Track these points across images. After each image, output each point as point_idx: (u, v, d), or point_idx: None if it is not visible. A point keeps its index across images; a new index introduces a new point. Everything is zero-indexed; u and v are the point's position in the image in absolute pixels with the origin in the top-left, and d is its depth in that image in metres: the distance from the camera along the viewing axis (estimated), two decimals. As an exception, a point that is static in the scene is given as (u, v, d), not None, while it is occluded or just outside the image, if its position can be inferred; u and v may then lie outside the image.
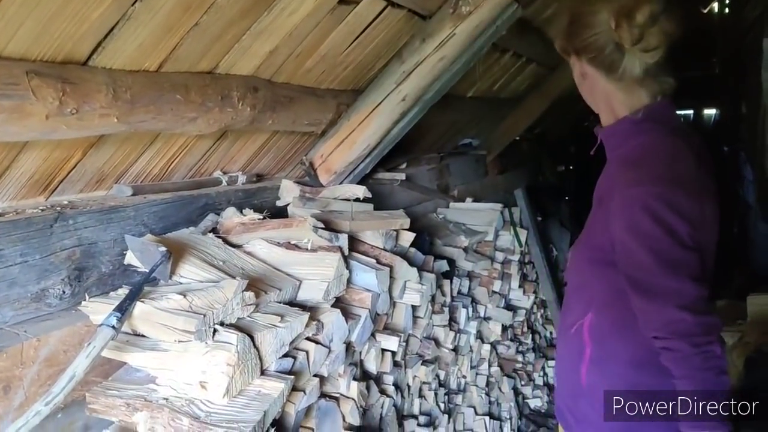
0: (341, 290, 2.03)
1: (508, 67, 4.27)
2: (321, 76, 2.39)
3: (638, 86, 1.53)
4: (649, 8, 1.40)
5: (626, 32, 1.43)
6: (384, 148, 2.77)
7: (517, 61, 4.28)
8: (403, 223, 2.48)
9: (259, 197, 2.46)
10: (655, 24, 1.40)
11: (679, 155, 1.50)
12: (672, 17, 1.40)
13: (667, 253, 1.42)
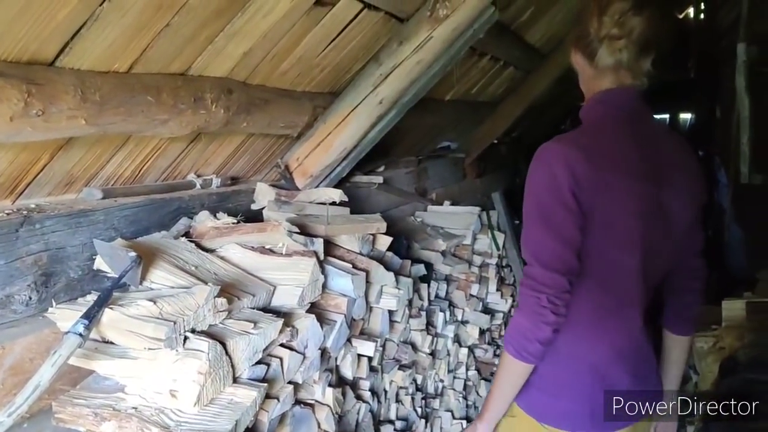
0: (316, 295, 2.01)
1: (486, 71, 4.26)
2: (297, 78, 2.37)
3: (610, 75, 1.61)
4: (620, 5, 1.53)
5: (598, 24, 1.58)
6: (361, 151, 2.75)
7: (494, 65, 4.27)
8: (380, 227, 2.46)
9: (233, 201, 2.42)
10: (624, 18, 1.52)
11: (604, 129, 1.61)
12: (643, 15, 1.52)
13: (544, 205, 1.54)
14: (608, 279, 1.62)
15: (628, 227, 1.57)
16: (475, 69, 4.07)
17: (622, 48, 1.55)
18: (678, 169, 1.62)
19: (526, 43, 4.37)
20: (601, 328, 1.66)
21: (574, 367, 1.68)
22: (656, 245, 1.61)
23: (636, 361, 1.70)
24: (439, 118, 4.25)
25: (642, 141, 1.59)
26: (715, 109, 7.13)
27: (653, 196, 1.58)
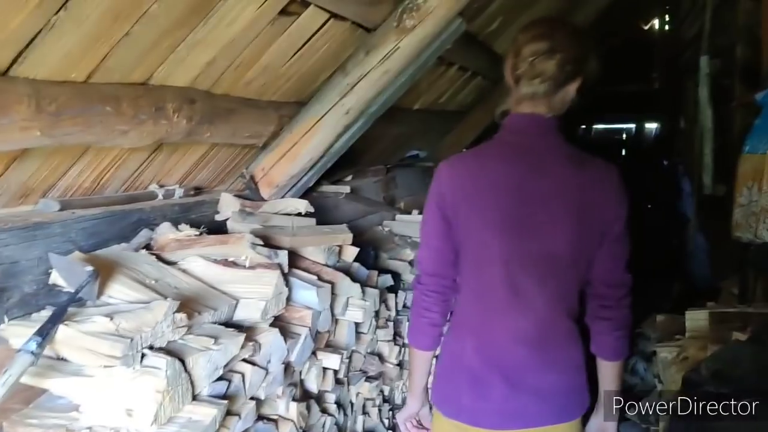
0: (280, 309, 1.98)
1: (453, 80, 4.28)
2: (262, 88, 2.34)
3: (527, 102, 1.69)
4: (531, 48, 1.64)
5: (512, 64, 1.68)
6: (328, 161, 2.73)
7: (462, 75, 4.29)
8: (346, 238, 2.44)
9: (196, 211, 2.38)
10: (536, 61, 1.63)
11: (491, 149, 1.76)
12: (554, 58, 1.62)
13: (423, 216, 1.79)
14: (476, 288, 1.76)
15: (484, 240, 1.70)
16: (443, 79, 4.08)
17: (537, 84, 1.65)
18: (566, 196, 1.66)
19: (494, 53, 4.38)
20: (475, 333, 1.77)
21: (452, 364, 1.84)
22: (527, 260, 1.68)
23: (518, 372, 1.73)
24: (407, 127, 4.25)
25: (526, 166, 1.68)
26: (679, 119, 7.23)
27: (522, 215, 1.66)
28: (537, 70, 1.63)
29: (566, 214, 1.65)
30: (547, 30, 1.67)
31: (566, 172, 1.66)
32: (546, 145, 1.69)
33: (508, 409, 1.73)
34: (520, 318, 1.71)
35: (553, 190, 1.65)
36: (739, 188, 2.33)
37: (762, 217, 2.20)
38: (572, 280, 1.71)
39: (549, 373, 1.73)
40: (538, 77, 1.63)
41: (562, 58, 1.62)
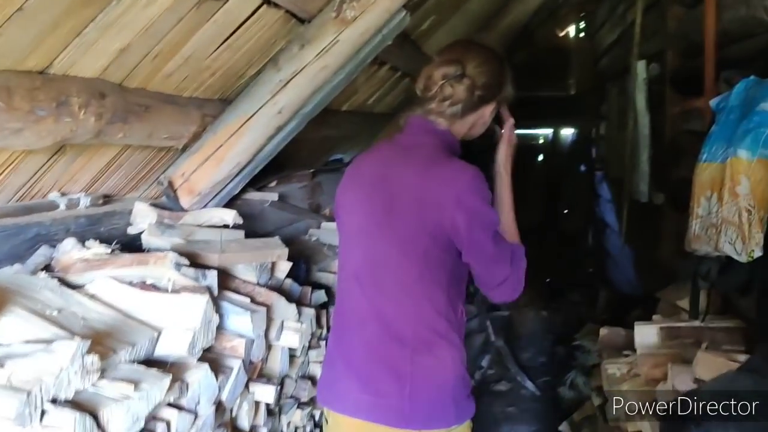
0: (210, 339, 1.69)
1: (383, 81, 4.06)
2: (183, 82, 2.04)
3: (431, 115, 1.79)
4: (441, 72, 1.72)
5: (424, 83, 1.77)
6: (256, 166, 2.45)
7: (393, 75, 4.08)
8: (281, 254, 2.17)
9: (106, 224, 2.06)
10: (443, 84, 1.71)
11: (370, 152, 1.90)
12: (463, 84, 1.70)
13: None
14: (341, 289, 1.83)
15: (349, 241, 1.79)
16: (374, 79, 3.86)
17: (446, 106, 1.72)
18: (411, 198, 1.67)
19: (424, 54, 4.20)
20: (339, 328, 1.83)
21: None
22: (383, 262, 1.71)
23: (366, 368, 1.73)
24: (336, 130, 4.00)
25: (389, 169, 1.73)
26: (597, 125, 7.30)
27: (381, 213, 1.70)
28: (446, 93, 1.71)
29: (406, 216, 1.66)
30: (461, 55, 1.73)
31: (414, 172, 1.67)
32: (416, 145, 1.73)
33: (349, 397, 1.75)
34: (368, 321, 1.71)
35: (400, 191, 1.67)
36: (697, 198, 2.21)
37: (723, 229, 2.08)
38: (422, 283, 1.68)
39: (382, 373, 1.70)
40: (447, 100, 1.71)
41: (472, 84, 1.70)
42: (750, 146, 2.08)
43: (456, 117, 1.73)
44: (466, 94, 1.70)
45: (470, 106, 1.73)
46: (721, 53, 2.84)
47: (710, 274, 2.43)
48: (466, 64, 1.70)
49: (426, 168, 1.68)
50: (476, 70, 1.70)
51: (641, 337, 2.65)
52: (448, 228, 1.63)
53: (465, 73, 1.69)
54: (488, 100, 1.76)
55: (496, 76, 1.76)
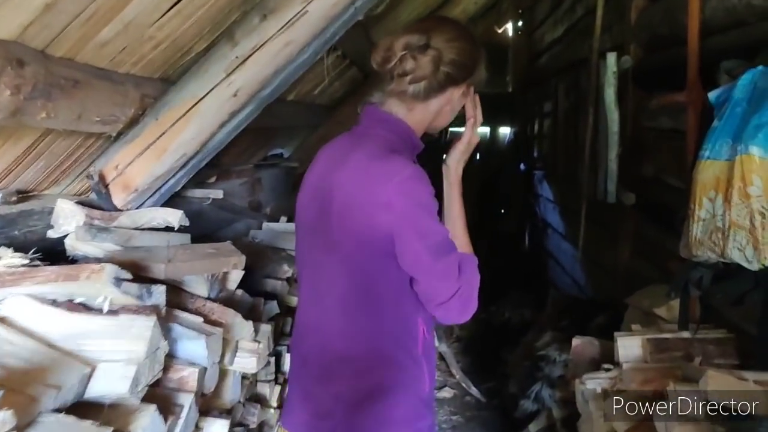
0: (157, 372, 1.35)
1: (331, 69, 3.74)
2: (121, 54, 1.69)
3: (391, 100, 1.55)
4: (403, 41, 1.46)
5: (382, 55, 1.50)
6: (204, 157, 2.12)
7: (341, 63, 3.77)
8: (238, 262, 1.84)
9: (21, 225, 1.68)
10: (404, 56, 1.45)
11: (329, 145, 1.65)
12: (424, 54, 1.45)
13: None
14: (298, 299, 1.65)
15: (298, 240, 1.61)
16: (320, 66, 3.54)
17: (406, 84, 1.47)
18: (343, 201, 1.45)
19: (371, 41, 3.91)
20: (293, 341, 1.65)
21: None
22: (320, 272, 1.53)
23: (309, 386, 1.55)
24: (278, 121, 3.66)
25: (330, 166, 1.53)
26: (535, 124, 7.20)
27: (318, 214, 1.51)
28: (407, 66, 1.44)
29: (339, 221, 1.44)
30: (430, 25, 1.50)
31: (351, 170, 1.45)
32: (363, 139, 1.50)
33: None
34: (311, 336, 1.54)
35: (334, 193, 1.46)
36: (698, 199, 2.01)
37: (731, 234, 1.88)
38: (361, 295, 1.47)
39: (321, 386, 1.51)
40: (407, 75, 1.45)
41: (438, 57, 1.44)
42: (763, 143, 1.88)
43: (418, 99, 1.48)
44: (430, 68, 1.44)
45: (435, 86, 1.47)
46: (701, 45, 2.66)
47: (703, 282, 2.24)
48: (433, 36, 1.45)
49: (362, 166, 1.45)
50: (445, 44, 1.46)
51: (625, 349, 2.44)
52: (380, 234, 1.41)
53: (430, 44, 1.44)
54: (457, 80, 1.49)
55: (467, 54, 1.49)
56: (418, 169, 1.42)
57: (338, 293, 1.48)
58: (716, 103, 2.15)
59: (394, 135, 1.49)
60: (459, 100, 1.54)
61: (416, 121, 1.51)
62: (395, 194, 1.37)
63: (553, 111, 5.92)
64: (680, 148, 2.78)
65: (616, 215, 3.77)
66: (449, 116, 1.56)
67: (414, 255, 1.39)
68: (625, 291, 3.57)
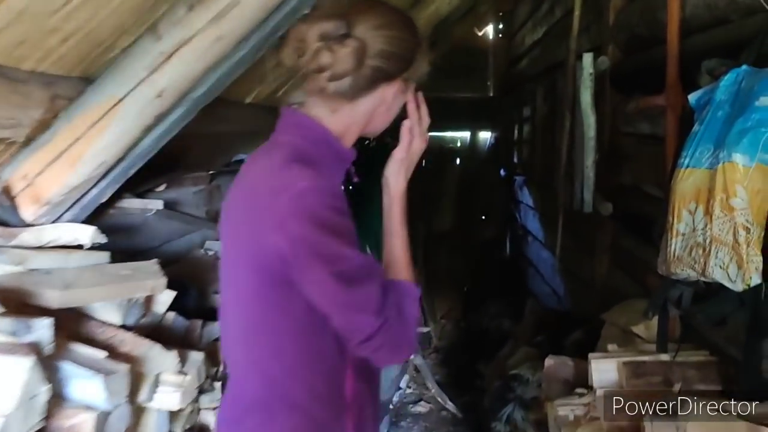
0: (35, 424, 1.14)
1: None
2: (20, 48, 1.47)
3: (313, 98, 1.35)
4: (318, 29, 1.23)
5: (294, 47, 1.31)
6: (131, 165, 1.90)
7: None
8: (155, 286, 1.63)
9: None
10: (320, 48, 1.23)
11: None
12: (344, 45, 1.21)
13: None
14: None
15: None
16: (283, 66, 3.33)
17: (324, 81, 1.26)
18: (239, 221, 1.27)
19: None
20: None
21: None
22: (225, 301, 1.36)
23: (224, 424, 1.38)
24: (238, 126, 3.45)
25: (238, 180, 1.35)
26: (515, 128, 7.04)
27: (222, 238, 1.37)
28: (323, 60, 1.21)
29: (235, 245, 1.27)
30: (353, 9, 1.25)
31: (251, 185, 1.25)
32: (273, 149, 1.28)
33: None
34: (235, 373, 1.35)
35: (234, 212, 1.28)
36: (677, 211, 1.84)
37: (713, 250, 1.69)
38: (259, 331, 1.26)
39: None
40: (324, 71, 1.22)
41: (362, 49, 1.21)
42: (748, 149, 1.70)
43: (343, 99, 1.26)
44: (352, 63, 1.21)
45: (362, 83, 1.25)
46: (682, 45, 2.49)
47: (683, 301, 2.05)
48: (355, 22, 1.22)
49: (256, 180, 1.25)
50: (372, 32, 1.23)
51: (599, 373, 2.25)
52: (273, 259, 1.18)
53: (352, 32, 1.21)
54: (390, 75, 1.27)
55: (401, 44, 1.27)
56: (320, 182, 1.19)
57: (239, 330, 1.28)
58: (697, 106, 1.97)
59: (308, 142, 1.27)
60: (397, 99, 1.32)
61: (342, 125, 1.29)
62: (287, 212, 1.16)
63: (532, 116, 5.76)
64: (660, 154, 2.62)
65: (593, 225, 3.60)
66: (386, 117, 1.34)
67: (318, 285, 1.17)
68: (603, 304, 3.39)
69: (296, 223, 1.14)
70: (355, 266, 1.17)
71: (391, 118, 1.35)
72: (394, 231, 1.33)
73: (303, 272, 1.16)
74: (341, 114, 1.28)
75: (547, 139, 4.85)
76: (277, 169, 1.21)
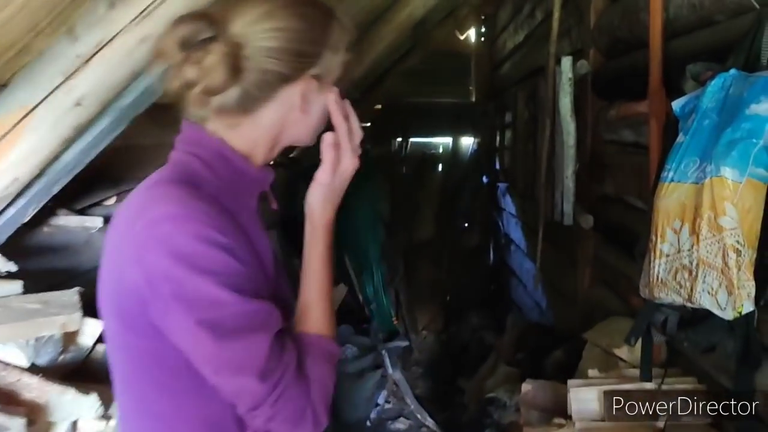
0: None
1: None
2: None
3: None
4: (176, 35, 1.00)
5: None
6: (53, 182, 1.71)
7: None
8: (68, 322, 1.43)
9: None
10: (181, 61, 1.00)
11: None
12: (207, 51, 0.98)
13: None
14: None
15: None
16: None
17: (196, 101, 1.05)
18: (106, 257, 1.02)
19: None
20: None
21: None
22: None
23: None
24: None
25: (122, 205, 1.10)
26: (497, 135, 6.87)
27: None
28: (187, 74, 0.98)
29: (102, 284, 1.02)
30: (223, 4, 1.02)
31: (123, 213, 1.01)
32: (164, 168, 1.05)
33: None
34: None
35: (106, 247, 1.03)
36: (660, 230, 1.67)
37: (701, 274, 1.52)
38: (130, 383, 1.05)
39: None
40: (194, 86, 0.99)
41: (233, 52, 0.98)
42: (737, 163, 1.52)
43: (237, 113, 1.03)
44: (225, 73, 0.97)
45: (255, 92, 1.02)
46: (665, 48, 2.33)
47: (668, 326, 1.88)
48: (227, 19, 0.99)
49: (125, 205, 1.02)
50: (250, 27, 0.99)
51: (579, 403, 2.07)
52: (133, 299, 0.96)
53: (222, 33, 0.98)
54: (288, 76, 1.03)
55: (295, 36, 1.02)
56: (192, 207, 0.95)
57: (116, 378, 1.06)
58: (681, 114, 1.80)
59: (200, 161, 1.03)
60: (314, 99, 1.07)
61: (246, 141, 1.06)
62: (142, 242, 0.94)
63: (513, 122, 5.59)
64: (643, 164, 2.46)
65: (574, 237, 3.42)
66: (307, 123, 1.09)
67: (183, 334, 0.94)
68: (585, 319, 3.23)
69: (153, 255, 0.92)
70: (230, 314, 0.92)
71: (315, 123, 1.10)
72: (313, 270, 1.09)
73: (165, 317, 0.93)
74: (242, 129, 1.06)
75: (529, 146, 4.69)
76: (143, 190, 1.00)
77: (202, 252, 0.92)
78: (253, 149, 1.07)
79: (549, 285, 4.42)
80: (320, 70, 1.06)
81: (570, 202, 2.88)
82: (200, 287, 0.91)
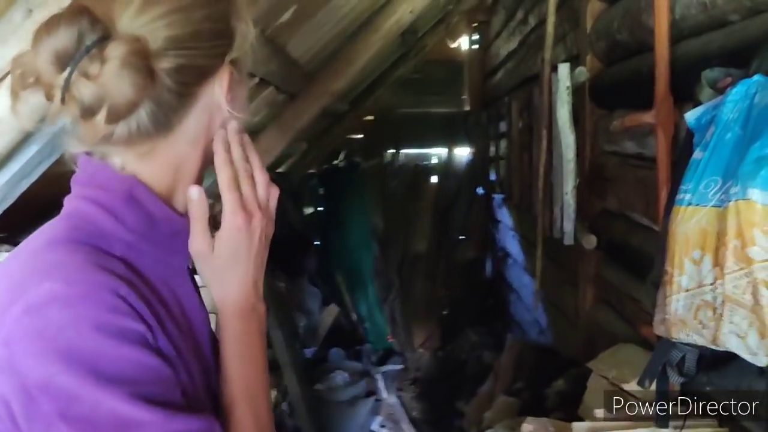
0: None
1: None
2: None
3: None
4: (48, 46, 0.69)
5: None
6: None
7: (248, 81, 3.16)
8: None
9: None
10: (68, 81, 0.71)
11: None
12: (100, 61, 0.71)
13: None
14: None
15: None
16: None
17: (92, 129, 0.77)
18: None
19: (288, 57, 3.34)
20: None
21: None
22: None
23: None
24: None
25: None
26: (491, 145, 6.68)
27: None
28: (84, 95, 0.69)
29: None
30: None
31: None
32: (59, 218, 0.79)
33: None
34: None
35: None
36: (677, 261, 1.45)
37: (727, 313, 1.30)
38: None
39: None
40: (96, 112, 0.70)
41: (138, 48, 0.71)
42: (766, 184, 1.30)
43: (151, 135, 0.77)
44: (131, 80, 0.71)
45: (171, 101, 0.76)
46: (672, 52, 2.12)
47: (686, 365, 1.66)
48: (110, 12, 0.72)
49: (7, 276, 0.74)
50: (145, 15, 0.72)
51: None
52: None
53: (112, 29, 0.71)
54: (203, 71, 0.78)
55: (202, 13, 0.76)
56: (93, 283, 0.70)
57: None
58: (697, 126, 1.58)
59: (102, 211, 0.77)
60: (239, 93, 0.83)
61: (168, 170, 0.80)
62: (18, 336, 0.67)
63: (508, 132, 5.39)
64: (648, 178, 2.25)
65: (575, 255, 3.21)
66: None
67: None
68: (588, 342, 3.03)
69: (30, 357, 0.66)
70: (122, 423, 0.66)
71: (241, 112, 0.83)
72: (231, 374, 0.82)
73: (34, 425, 0.66)
74: (159, 156, 0.79)
75: (524, 158, 4.48)
76: (27, 254, 0.75)
77: (106, 350, 0.67)
78: (176, 182, 0.81)
79: (549, 303, 4.21)
80: (237, 52, 0.81)
81: (570, 220, 2.66)
82: (102, 403, 0.66)
